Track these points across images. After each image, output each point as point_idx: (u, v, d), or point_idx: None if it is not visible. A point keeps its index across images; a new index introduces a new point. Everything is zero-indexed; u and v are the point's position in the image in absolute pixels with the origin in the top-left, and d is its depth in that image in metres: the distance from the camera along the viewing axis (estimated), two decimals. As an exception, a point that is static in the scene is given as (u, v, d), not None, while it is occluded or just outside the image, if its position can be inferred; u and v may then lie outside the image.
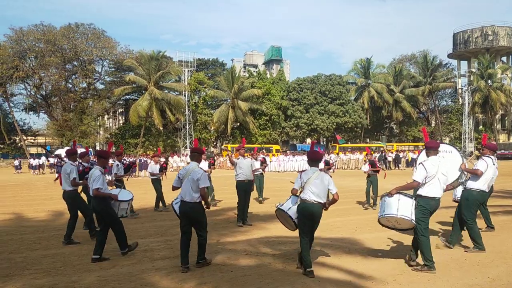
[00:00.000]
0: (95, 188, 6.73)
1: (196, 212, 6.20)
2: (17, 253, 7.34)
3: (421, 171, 6.12)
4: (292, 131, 52.94)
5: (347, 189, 18.24)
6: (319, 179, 5.99)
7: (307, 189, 5.96)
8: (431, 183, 6.10)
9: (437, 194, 6.15)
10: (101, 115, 53.68)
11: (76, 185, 8.00)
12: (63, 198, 8.20)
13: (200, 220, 6.24)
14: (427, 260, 6.00)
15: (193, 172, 6.19)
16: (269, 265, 6.43)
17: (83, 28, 47.17)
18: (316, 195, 5.92)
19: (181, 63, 48.36)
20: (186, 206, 6.18)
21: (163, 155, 40.08)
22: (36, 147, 69.56)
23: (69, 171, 7.96)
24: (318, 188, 5.95)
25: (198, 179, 6.10)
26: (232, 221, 10.11)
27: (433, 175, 6.09)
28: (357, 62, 59.05)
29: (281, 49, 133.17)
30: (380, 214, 6.43)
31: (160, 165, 12.79)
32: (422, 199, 6.14)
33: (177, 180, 6.36)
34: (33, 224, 10.36)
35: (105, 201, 6.88)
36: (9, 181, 25.74)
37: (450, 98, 69.58)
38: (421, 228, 6.08)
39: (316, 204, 5.92)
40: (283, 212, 6.32)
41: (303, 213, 5.98)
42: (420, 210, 6.13)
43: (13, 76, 43.37)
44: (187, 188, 6.18)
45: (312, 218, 5.97)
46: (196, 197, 6.15)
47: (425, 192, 6.12)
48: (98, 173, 6.83)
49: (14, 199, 15.69)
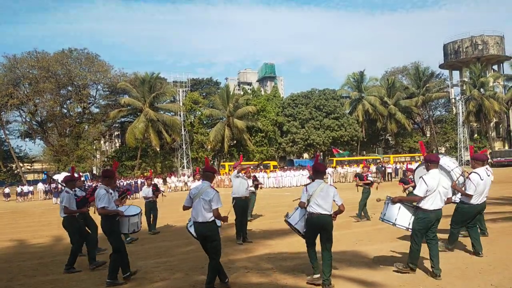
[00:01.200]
0: (100, 207, 6.66)
1: (210, 231, 6.00)
2: (15, 280, 7.25)
3: (422, 186, 6.19)
4: (289, 147, 52.99)
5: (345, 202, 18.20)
6: (324, 191, 6.03)
7: (313, 201, 6.01)
8: (432, 196, 6.18)
9: (438, 207, 6.23)
10: (97, 139, 53.67)
11: (68, 213, 7.89)
12: (62, 225, 8.14)
13: (214, 239, 6.02)
14: (412, 264, 6.28)
15: (205, 192, 6.02)
16: (271, 282, 6.38)
17: (76, 53, 47.48)
18: (322, 208, 5.96)
19: (176, 84, 48.56)
20: (200, 227, 6.03)
21: (160, 176, 39.97)
22: (33, 173, 69.27)
23: (61, 198, 7.96)
24: (324, 200, 5.99)
25: (211, 200, 5.94)
26: (231, 239, 10.04)
27: (433, 188, 6.16)
28: (350, 76, 59.51)
29: (275, 66, 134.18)
30: (381, 217, 6.86)
31: (151, 188, 12.62)
32: (422, 212, 6.24)
33: (188, 200, 6.19)
34: (32, 250, 10.26)
35: (111, 220, 6.78)
36: (6, 209, 25.54)
37: (444, 108, 70.07)
38: (416, 237, 6.24)
39: (322, 216, 5.95)
40: (291, 225, 6.54)
41: (311, 226, 6.07)
42: (418, 222, 6.25)
43: (8, 104, 43.43)
44: (199, 208, 6.01)
45: (321, 229, 6.00)
46: (209, 217, 5.97)
47: (426, 205, 6.21)
48: (103, 192, 6.77)
49: (11, 226, 15.56)
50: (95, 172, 61.16)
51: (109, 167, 49.09)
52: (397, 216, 6.49)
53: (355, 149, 56.69)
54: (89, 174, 46.47)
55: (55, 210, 21.54)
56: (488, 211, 8.88)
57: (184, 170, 46.04)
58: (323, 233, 6.01)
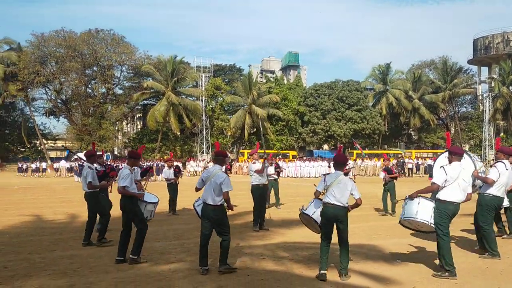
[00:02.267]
0: (121, 186, 6.74)
1: (218, 215, 6.19)
2: (36, 253, 7.42)
3: (441, 174, 6.06)
4: (309, 137, 52.69)
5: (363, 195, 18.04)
6: (342, 183, 5.97)
7: (329, 192, 5.97)
8: (451, 187, 6.02)
9: (457, 199, 6.05)
10: (119, 120, 54.26)
11: (92, 188, 8.03)
12: (84, 198, 8.28)
13: (221, 223, 6.22)
14: (448, 265, 5.90)
15: (216, 175, 6.17)
16: (287, 270, 6.37)
17: (102, 34, 47.79)
18: (338, 199, 5.91)
19: (199, 69, 48.65)
20: (208, 209, 6.20)
21: (179, 160, 40.31)
22: (56, 151, 70.68)
23: (85, 174, 8.05)
24: (341, 192, 5.93)
25: (221, 183, 6.08)
26: (248, 226, 10.06)
27: (452, 179, 6.01)
28: (375, 68, 58.61)
29: (299, 55, 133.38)
30: (401, 217, 6.54)
31: (173, 170, 12.78)
32: (441, 203, 6.08)
33: (200, 182, 6.38)
34: (52, 225, 10.48)
35: (133, 199, 6.87)
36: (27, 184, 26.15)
37: (470, 104, 68.42)
38: (440, 232, 6.02)
39: (338, 207, 5.90)
40: (308, 216, 6.45)
41: (325, 216, 6.01)
42: (438, 214, 6.08)
43: (34, 81, 44.12)
44: (209, 191, 6.18)
45: (335, 220, 5.96)
46: (218, 200, 6.14)
47: (444, 196, 6.05)
48: (126, 172, 6.85)
49: (33, 202, 15.92)
50: (116, 153, 62.11)
51: (130, 148, 49.78)
52: (417, 209, 6.28)
53: (376, 143, 56.05)
54: (110, 154, 47.17)
55: (77, 188, 21.97)
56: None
57: (203, 155, 46.31)
58: (338, 225, 5.98)
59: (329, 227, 6.02)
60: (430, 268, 6.36)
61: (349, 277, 5.88)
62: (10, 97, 47.27)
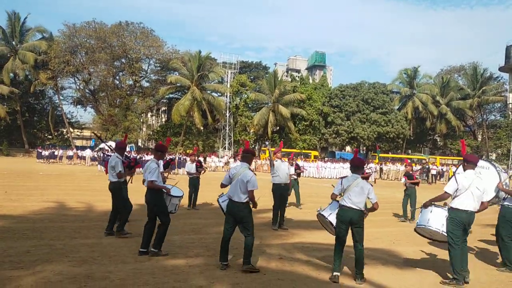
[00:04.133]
0: (150, 180, 6.83)
1: (243, 211, 6.24)
2: (57, 240, 7.56)
3: (452, 183, 6.12)
4: (332, 138, 52.26)
5: (385, 200, 17.81)
6: (359, 187, 5.99)
7: (346, 196, 6.01)
8: (463, 195, 6.02)
9: (469, 208, 6.03)
10: (144, 112, 54.95)
11: (121, 176, 8.13)
12: (109, 188, 8.36)
13: (245, 220, 6.25)
14: (456, 273, 5.92)
15: (243, 173, 6.24)
16: (303, 271, 6.34)
17: (132, 26, 48.43)
18: (354, 203, 5.93)
19: (225, 65, 48.78)
20: (234, 205, 6.25)
21: (201, 154, 40.58)
22: (82, 139, 72.07)
23: (114, 163, 8.09)
24: (357, 196, 5.96)
25: (248, 181, 6.15)
26: (267, 224, 10.05)
27: (464, 188, 6.01)
28: (403, 71, 57.71)
29: (325, 55, 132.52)
30: (417, 225, 6.66)
31: (195, 164, 12.86)
32: (453, 211, 6.10)
33: (227, 178, 6.46)
34: (74, 213, 10.67)
35: (159, 193, 6.96)
36: (54, 171, 26.71)
37: (500, 112, 66.69)
38: (451, 240, 6.04)
39: (353, 210, 5.93)
40: (324, 217, 6.56)
41: (341, 219, 6.05)
42: (450, 222, 6.10)
43: (64, 70, 45.06)
44: (235, 188, 6.24)
45: (350, 223, 5.97)
46: (243, 197, 6.20)
47: (456, 204, 6.07)
48: (154, 166, 6.93)
49: (57, 188, 16.25)
50: (140, 144, 62.93)
51: (154, 140, 50.38)
52: (429, 217, 6.37)
53: (400, 147, 55.23)
54: (134, 145, 47.82)
55: (100, 177, 22.35)
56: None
57: (225, 151, 46.49)
58: (353, 228, 5.99)
59: (343, 229, 6.03)
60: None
61: (364, 281, 5.85)
62: (40, 85, 48.34)
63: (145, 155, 29.78)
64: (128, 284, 5.34)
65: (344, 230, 6.01)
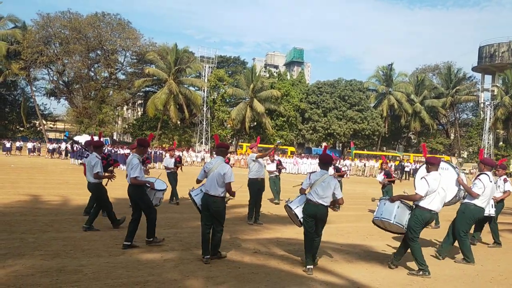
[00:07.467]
0: (133, 177, 6.80)
1: (219, 206, 6.29)
2: (29, 233, 7.43)
3: (424, 186, 6.27)
4: (309, 134, 52.67)
5: (360, 195, 18.08)
6: (326, 182, 6.15)
7: (313, 190, 6.18)
8: (432, 197, 6.27)
9: (434, 208, 6.32)
10: (120, 105, 54.13)
11: (99, 178, 7.99)
12: (88, 189, 8.26)
13: (220, 214, 6.33)
14: (421, 265, 6.21)
15: (219, 166, 6.28)
16: (277, 264, 6.40)
17: (109, 18, 47.58)
18: (321, 197, 6.11)
19: (202, 59, 48.46)
20: (210, 199, 6.28)
21: (178, 149, 40.30)
22: (55, 132, 70.57)
23: (94, 164, 7.93)
24: (324, 190, 6.12)
25: (225, 174, 6.20)
26: (242, 219, 10.08)
27: (433, 189, 6.25)
28: (379, 69, 58.56)
29: (303, 51, 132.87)
30: (377, 216, 6.77)
31: (175, 159, 12.82)
32: (419, 210, 6.32)
33: (202, 173, 6.49)
34: (47, 206, 10.48)
35: (141, 188, 6.96)
36: (26, 164, 26.12)
37: (472, 111, 68.50)
38: (412, 235, 6.30)
39: (320, 205, 6.12)
40: (290, 209, 6.70)
41: (307, 213, 6.23)
42: (414, 220, 6.33)
43: (37, 61, 43.95)
44: (212, 182, 6.26)
45: (315, 218, 6.18)
46: (220, 191, 6.26)
47: (424, 203, 6.28)
48: (136, 162, 6.88)
49: (29, 181, 15.91)
50: (115, 138, 62.06)
51: (129, 134, 49.74)
52: (395, 213, 6.51)
53: (375, 144, 56.09)
54: (109, 139, 47.12)
55: (73, 170, 21.99)
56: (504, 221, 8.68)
57: (202, 146, 46.30)
58: (318, 222, 6.22)
59: (310, 223, 6.21)
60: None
61: (315, 264, 6.25)
62: (12, 76, 47.05)
63: (120, 149, 29.35)
64: (101, 278, 5.30)
65: (311, 224, 6.20)
